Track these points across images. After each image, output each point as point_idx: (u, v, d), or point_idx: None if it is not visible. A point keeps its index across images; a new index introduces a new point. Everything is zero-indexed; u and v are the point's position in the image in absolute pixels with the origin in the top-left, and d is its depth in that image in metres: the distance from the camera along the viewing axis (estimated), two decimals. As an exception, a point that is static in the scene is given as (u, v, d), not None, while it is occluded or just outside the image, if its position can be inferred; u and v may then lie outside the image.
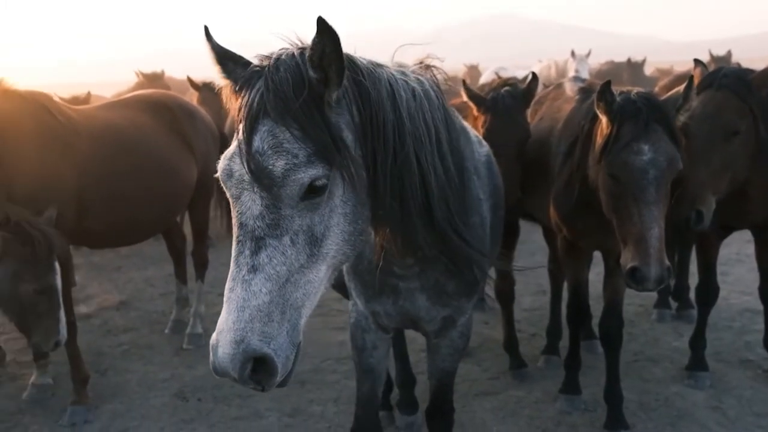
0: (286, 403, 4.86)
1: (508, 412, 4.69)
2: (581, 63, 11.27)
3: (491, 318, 6.46)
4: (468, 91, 4.80)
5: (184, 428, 4.60)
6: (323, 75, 2.05)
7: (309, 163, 1.98)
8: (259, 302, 1.93)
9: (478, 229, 2.89)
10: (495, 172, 3.45)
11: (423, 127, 2.36)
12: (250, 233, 1.99)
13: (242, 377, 1.92)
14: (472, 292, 2.97)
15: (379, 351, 3.22)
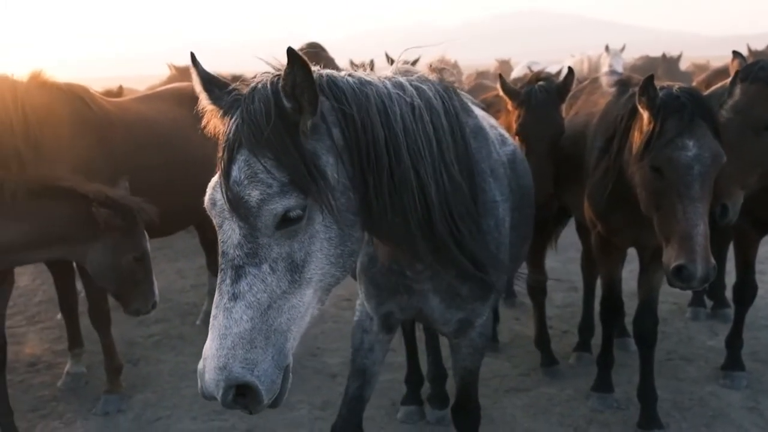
0: (317, 396, 4.87)
1: (539, 409, 4.65)
2: (615, 58, 11.10)
3: (522, 314, 6.41)
4: (503, 84, 4.75)
5: (216, 419, 4.63)
6: (297, 104, 2.07)
7: (282, 193, 2.01)
8: (240, 329, 1.97)
9: (493, 232, 2.84)
10: (520, 171, 3.39)
11: (422, 139, 2.34)
12: (230, 261, 2.04)
13: (226, 403, 1.98)
14: (486, 296, 2.92)
15: (374, 354, 3.21)
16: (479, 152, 2.84)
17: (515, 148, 3.47)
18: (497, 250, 2.85)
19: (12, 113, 4.57)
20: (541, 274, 5.33)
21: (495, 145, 3.06)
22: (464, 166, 2.56)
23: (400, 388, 4.85)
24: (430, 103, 2.43)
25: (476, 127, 2.93)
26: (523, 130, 4.53)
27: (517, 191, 3.25)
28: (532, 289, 5.38)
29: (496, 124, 3.57)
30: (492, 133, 3.17)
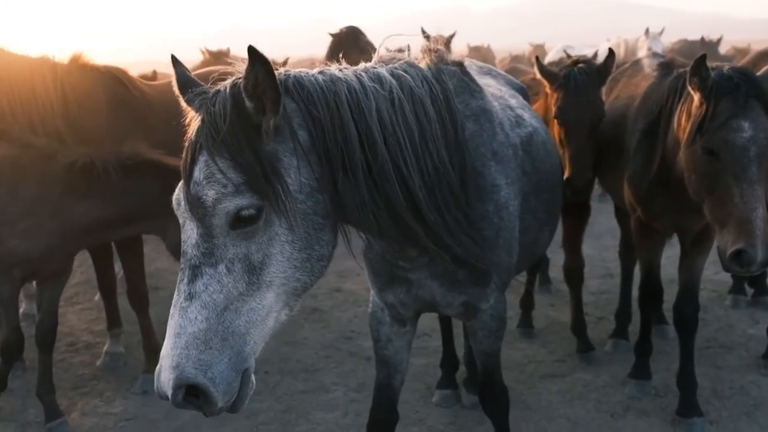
0: (352, 378, 4.89)
1: (575, 395, 4.61)
2: (654, 41, 10.88)
3: (557, 300, 6.36)
4: (541, 67, 4.68)
5: (252, 400, 4.53)
6: (259, 103, 2.04)
7: (237, 193, 1.99)
8: (195, 329, 1.95)
9: (492, 216, 2.78)
10: (539, 154, 3.32)
11: (402, 131, 2.29)
12: (188, 261, 2.03)
13: (177, 403, 1.95)
14: (485, 280, 2.86)
15: (394, 344, 3.18)
16: (479, 135, 2.79)
17: (533, 131, 3.38)
18: (497, 236, 2.80)
19: (52, 94, 4.64)
20: (578, 259, 5.26)
21: (503, 126, 2.99)
22: (455, 152, 2.51)
23: (435, 372, 4.85)
24: (413, 91, 2.38)
25: (479, 109, 2.87)
26: (562, 113, 4.46)
27: (532, 174, 3.19)
28: (569, 274, 5.32)
29: (516, 105, 3.48)
30: (502, 114, 3.09)
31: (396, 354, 3.20)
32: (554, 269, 6.83)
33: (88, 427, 4.42)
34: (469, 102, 2.85)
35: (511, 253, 2.94)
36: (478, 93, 2.93)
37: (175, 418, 4.46)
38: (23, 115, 4.54)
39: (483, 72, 3.94)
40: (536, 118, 3.64)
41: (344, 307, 6.34)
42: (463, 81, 2.90)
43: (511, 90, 3.83)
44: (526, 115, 3.46)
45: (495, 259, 2.81)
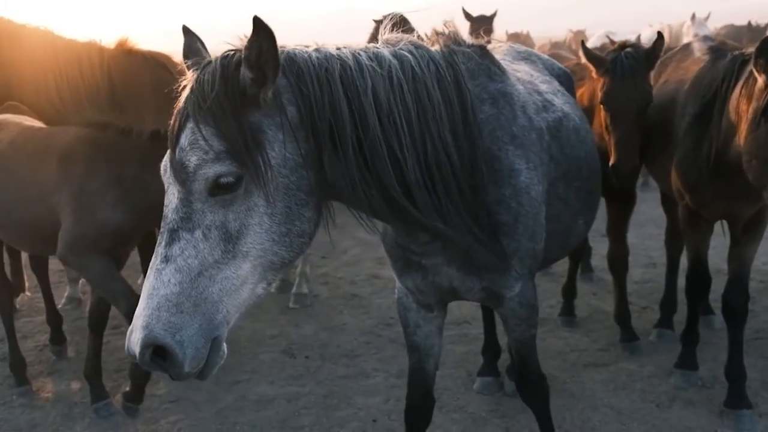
0: (393, 364, 4.88)
1: (619, 385, 4.54)
2: (701, 26, 10.62)
3: (599, 289, 6.29)
4: (587, 52, 4.58)
5: (293, 384, 4.70)
6: (261, 74, 2.04)
7: (217, 160, 2.02)
8: (167, 292, 1.97)
9: (509, 201, 2.70)
10: (569, 140, 3.23)
11: (399, 111, 2.27)
12: (167, 225, 2.06)
13: (142, 361, 1.97)
14: (504, 267, 2.78)
15: (423, 329, 3.15)
16: (497, 119, 2.73)
17: (564, 116, 3.28)
18: (515, 221, 2.73)
19: (99, 77, 4.71)
20: (622, 248, 5.17)
21: (526, 110, 2.91)
22: (463, 135, 2.46)
23: (476, 359, 4.82)
24: (414, 72, 2.34)
25: (498, 93, 2.80)
26: (608, 99, 4.36)
27: (561, 160, 3.11)
28: (613, 263, 5.22)
29: (547, 90, 3.39)
30: (527, 98, 3.02)
31: (426, 339, 3.18)
32: (596, 258, 6.75)
33: (133, 408, 4.48)
34: (487, 85, 2.80)
35: (535, 239, 2.87)
36: (498, 76, 2.87)
37: (218, 401, 4.51)
38: (71, 97, 4.63)
39: (521, 57, 3.87)
40: (570, 104, 3.54)
41: (383, 294, 6.33)
42: (482, 64, 2.84)
43: (546, 75, 3.75)
44: (558, 101, 3.37)
45: (514, 245, 2.76)
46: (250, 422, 4.26)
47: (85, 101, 4.69)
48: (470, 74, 2.69)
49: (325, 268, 7.09)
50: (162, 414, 4.36)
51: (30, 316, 6.12)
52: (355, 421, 4.22)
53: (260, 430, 4.18)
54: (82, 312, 6.16)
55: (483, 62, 2.85)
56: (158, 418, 4.34)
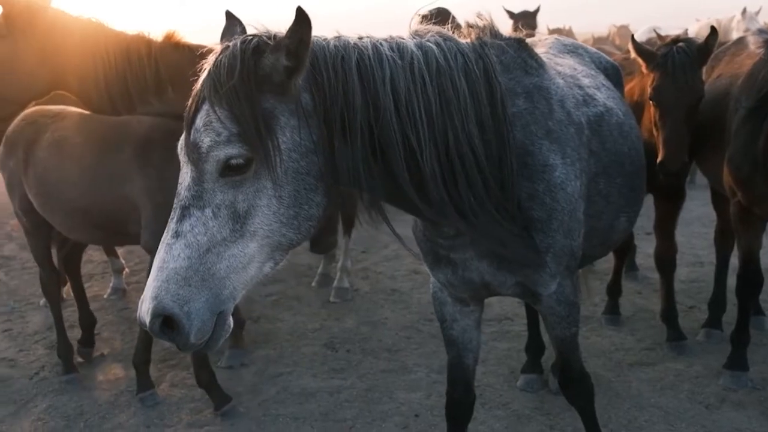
0: (435, 360, 4.86)
1: (666, 385, 4.45)
2: (752, 21, 10.35)
3: (644, 287, 6.17)
4: (637, 46, 4.49)
5: (335, 377, 4.70)
6: (296, 62, 2.08)
7: (228, 142, 2.06)
8: (176, 265, 2.04)
9: (542, 197, 2.65)
10: (611, 135, 3.16)
11: (419, 102, 2.26)
12: (180, 202, 2.12)
13: (153, 331, 2.05)
14: (537, 262, 2.73)
15: (459, 323, 3.12)
16: (531, 113, 2.68)
17: (606, 110, 3.21)
18: (549, 217, 2.67)
19: (146, 70, 4.76)
20: (670, 245, 5.06)
21: (564, 104, 2.85)
22: (491, 129, 2.42)
23: (519, 356, 4.78)
24: (438, 64, 2.32)
25: (533, 87, 2.75)
26: (658, 95, 4.27)
27: (602, 156, 3.05)
28: (661, 261, 5.11)
29: (589, 84, 3.31)
30: (566, 92, 2.95)
31: (463, 333, 3.15)
32: (640, 256, 6.64)
33: (177, 398, 4.53)
34: (522, 79, 2.74)
35: (572, 236, 2.81)
36: (534, 70, 2.81)
37: (261, 393, 4.53)
38: (118, 88, 4.70)
39: (567, 50, 3.80)
40: (614, 99, 3.46)
41: (423, 289, 6.31)
42: (518, 57, 2.79)
43: (592, 69, 3.68)
44: (600, 95, 3.30)
45: (548, 241, 2.70)
46: (292, 414, 4.27)
47: (133, 93, 4.76)
48: (504, 67, 2.67)
49: (365, 263, 7.09)
50: (206, 404, 4.39)
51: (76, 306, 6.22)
52: (397, 416, 4.21)
53: (302, 422, 4.19)
54: (127, 302, 6.28)
55: (519, 55, 2.80)
56: (202, 408, 4.38)
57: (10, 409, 4.49)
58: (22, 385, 4.82)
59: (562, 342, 3.10)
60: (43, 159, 4.36)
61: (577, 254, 2.91)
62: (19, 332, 5.72)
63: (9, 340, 5.57)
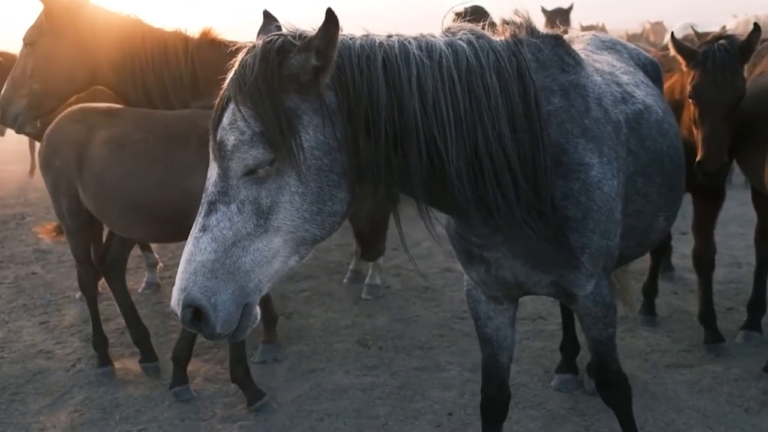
0: (467, 358, 4.83)
1: (704, 387, 4.38)
2: (793, 17, 10.17)
3: (680, 288, 6.09)
4: (677, 44, 4.41)
5: (368, 374, 4.70)
6: (326, 62, 2.10)
7: (251, 140, 2.11)
8: (203, 258, 2.11)
9: (578, 196, 2.61)
10: (650, 133, 3.10)
11: (446, 101, 2.25)
12: (207, 197, 2.18)
13: (184, 321, 2.13)
14: (573, 262, 2.70)
15: (494, 321, 3.10)
16: (567, 111, 2.64)
17: (645, 108, 3.15)
18: (585, 216, 2.64)
19: (183, 67, 4.82)
20: (709, 246, 4.97)
21: (601, 102, 2.80)
22: (524, 127, 2.39)
23: (552, 356, 4.74)
24: (468, 62, 2.31)
25: (569, 84, 2.71)
26: (698, 93, 4.19)
27: (640, 154, 3.00)
28: (699, 261, 5.03)
29: (628, 81, 3.25)
30: (604, 89, 2.90)
31: (498, 331, 3.13)
32: (675, 256, 6.54)
33: (211, 392, 4.56)
34: (558, 76, 2.71)
35: (608, 236, 2.77)
36: (571, 67, 2.78)
37: (294, 389, 4.54)
38: (155, 83, 4.76)
39: (605, 46, 3.75)
40: (654, 96, 3.40)
41: (456, 287, 6.28)
42: (555, 54, 2.75)
43: (631, 66, 3.61)
44: (639, 92, 3.24)
45: (583, 241, 2.67)
46: (325, 410, 4.28)
47: (169, 88, 4.81)
48: (540, 65, 2.64)
49: (397, 260, 7.08)
50: (240, 399, 4.41)
51: (111, 299, 6.26)
52: (430, 414, 4.19)
53: (335, 418, 4.19)
54: (161, 297, 6.33)
55: (556, 53, 2.77)
56: (236, 403, 4.40)
57: (47, 401, 4.55)
58: (58, 377, 4.88)
59: (599, 343, 3.06)
60: (102, 157, 4.32)
61: (614, 254, 2.88)
62: (55, 325, 5.80)
63: (46, 333, 5.65)
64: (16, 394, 4.65)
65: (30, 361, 5.12)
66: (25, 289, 6.71)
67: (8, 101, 4.84)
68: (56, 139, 4.53)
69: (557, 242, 2.63)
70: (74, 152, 4.41)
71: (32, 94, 4.77)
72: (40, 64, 4.73)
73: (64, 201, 4.56)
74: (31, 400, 4.56)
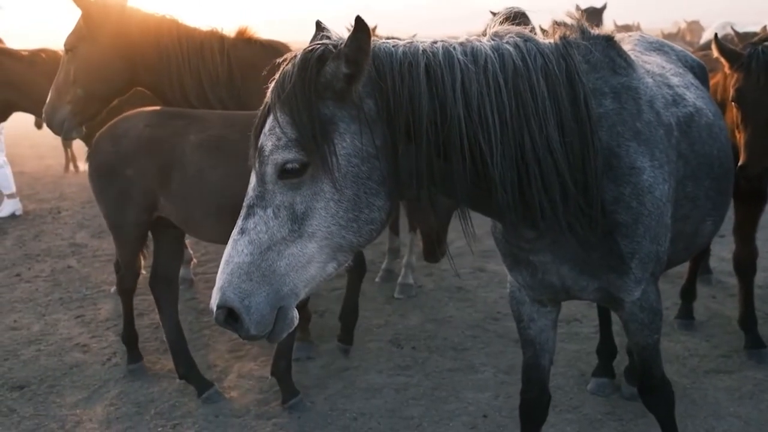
0: (502, 360, 4.79)
1: (745, 394, 4.29)
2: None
3: (718, 292, 5.97)
4: (720, 45, 4.32)
5: (401, 374, 4.68)
6: (356, 69, 2.11)
7: (286, 147, 2.15)
8: (240, 260, 2.15)
9: (628, 200, 2.57)
10: (700, 137, 3.05)
11: (492, 106, 2.22)
12: (247, 201, 2.23)
13: (218, 321, 2.17)
14: (621, 268, 2.65)
15: (537, 323, 3.07)
16: (618, 114, 2.60)
17: (696, 111, 3.10)
18: (635, 222, 2.59)
19: (219, 65, 4.85)
20: (751, 249, 4.87)
21: (653, 105, 2.75)
22: (574, 131, 2.35)
23: (588, 358, 4.69)
24: (515, 66, 2.28)
25: (621, 86, 2.66)
26: (741, 96, 4.10)
27: (691, 158, 2.94)
28: (740, 265, 4.93)
29: (678, 83, 3.20)
30: (655, 92, 2.84)
31: (541, 333, 3.10)
32: (712, 259, 6.43)
33: (245, 389, 4.57)
34: (609, 79, 2.66)
35: (658, 241, 2.72)
36: (622, 69, 2.73)
37: (327, 388, 4.53)
38: (192, 83, 4.78)
39: (652, 47, 3.69)
40: (704, 99, 3.34)
41: (489, 288, 6.23)
42: (606, 56, 2.71)
43: (680, 68, 3.55)
44: (690, 95, 3.18)
45: (633, 246, 2.62)
46: (359, 410, 4.26)
47: (207, 88, 4.84)
48: (591, 67, 2.60)
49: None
50: (273, 396, 4.42)
51: (145, 294, 6.32)
52: (464, 416, 4.16)
53: (369, 418, 4.18)
54: (194, 293, 6.37)
55: (607, 54, 2.72)
56: (269, 400, 4.41)
57: (83, 394, 4.60)
58: (94, 371, 4.93)
59: (644, 349, 3.02)
60: (196, 161, 4.16)
61: (663, 260, 2.84)
62: (91, 319, 5.87)
63: (81, 327, 5.71)
64: (53, 386, 4.71)
65: (67, 355, 5.19)
66: (61, 283, 6.80)
67: (54, 108, 4.90)
68: (127, 146, 4.26)
69: (606, 247, 2.60)
70: (157, 159, 4.20)
71: (76, 99, 4.82)
72: (81, 68, 4.77)
73: (131, 211, 4.32)
74: (68, 393, 4.62)
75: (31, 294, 6.53)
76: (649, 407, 3.19)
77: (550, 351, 3.15)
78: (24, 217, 9.56)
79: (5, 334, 5.61)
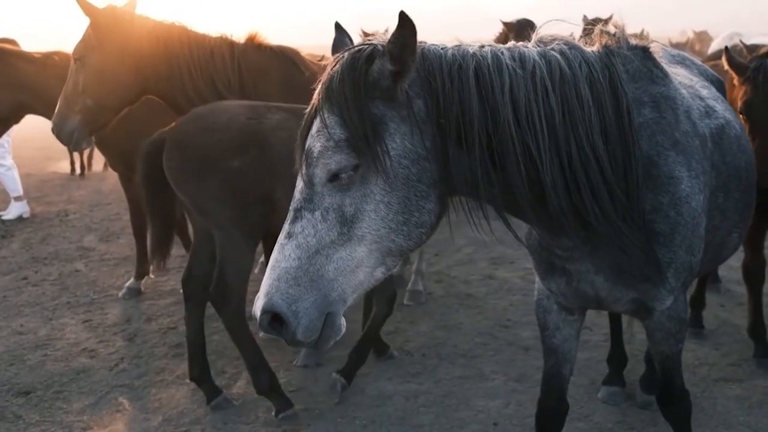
0: (512, 368, 4.78)
1: (754, 403, 4.28)
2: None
3: (727, 300, 5.96)
4: (730, 58, 4.33)
5: (412, 381, 4.67)
6: (402, 67, 2.10)
7: (337, 147, 2.11)
8: (287, 265, 2.10)
9: (667, 209, 2.57)
10: (730, 148, 3.07)
11: (540, 112, 2.22)
12: (294, 204, 2.19)
13: (261, 326, 2.13)
14: (657, 277, 2.64)
15: (562, 332, 3.07)
16: (658, 123, 2.61)
17: (725, 123, 3.12)
18: (672, 231, 2.59)
19: (230, 71, 4.84)
20: (760, 258, 4.87)
21: (690, 115, 2.77)
22: (616, 139, 2.36)
23: (598, 367, 4.68)
24: (562, 73, 2.28)
25: (660, 96, 2.67)
26: (749, 109, 4.12)
27: (722, 170, 2.96)
28: (749, 273, 4.92)
29: (708, 95, 3.22)
30: (690, 103, 2.87)
31: (565, 342, 3.10)
32: (721, 268, 6.40)
33: (254, 396, 4.52)
34: (648, 88, 2.67)
35: (693, 251, 2.72)
36: (660, 79, 2.74)
37: (337, 394, 4.52)
38: (207, 89, 4.77)
39: (675, 60, 3.69)
40: (730, 111, 3.37)
41: (499, 295, 6.22)
42: (644, 66, 2.71)
43: (703, 80, 3.57)
44: (719, 107, 3.21)
45: (670, 256, 2.63)
46: (369, 417, 4.25)
47: (222, 92, 4.83)
48: (631, 77, 2.61)
49: (438, 266, 7.04)
50: (282, 403, 4.40)
51: (154, 299, 6.35)
52: (475, 424, 4.15)
53: (379, 426, 4.17)
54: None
55: (645, 64, 2.73)
56: (279, 407, 4.39)
57: (90, 400, 4.59)
58: (101, 376, 4.92)
59: (667, 358, 3.03)
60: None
61: (695, 270, 2.85)
62: (98, 323, 5.86)
63: (89, 331, 5.71)
64: (59, 392, 4.70)
65: (74, 360, 5.18)
66: (68, 287, 6.81)
67: (63, 119, 4.83)
68: (228, 138, 4.03)
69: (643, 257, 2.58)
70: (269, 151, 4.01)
71: (86, 109, 4.75)
72: (91, 78, 4.71)
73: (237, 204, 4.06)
74: (75, 399, 4.61)
75: (37, 298, 6.53)
76: (668, 417, 3.19)
77: (572, 361, 3.15)
78: (31, 219, 9.58)
79: (11, 338, 5.61)
